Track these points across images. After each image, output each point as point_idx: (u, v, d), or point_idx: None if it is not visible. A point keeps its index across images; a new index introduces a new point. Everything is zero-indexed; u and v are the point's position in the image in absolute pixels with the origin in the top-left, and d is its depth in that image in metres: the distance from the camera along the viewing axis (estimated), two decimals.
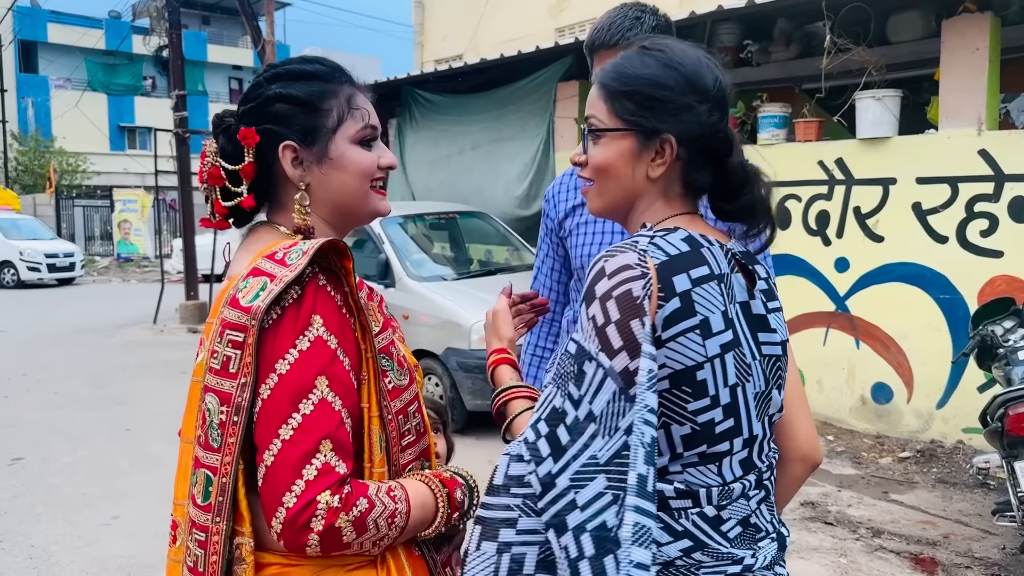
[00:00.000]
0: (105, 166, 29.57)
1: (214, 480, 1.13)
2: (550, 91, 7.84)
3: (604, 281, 1.07)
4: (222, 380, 1.12)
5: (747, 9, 5.85)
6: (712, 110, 1.17)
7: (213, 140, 1.25)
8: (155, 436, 5.85)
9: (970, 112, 5.05)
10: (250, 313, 1.09)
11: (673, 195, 1.21)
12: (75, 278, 18.44)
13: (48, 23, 31.90)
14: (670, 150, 1.16)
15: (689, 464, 1.10)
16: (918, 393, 5.37)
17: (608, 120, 1.19)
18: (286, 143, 1.20)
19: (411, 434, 1.25)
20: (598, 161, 1.20)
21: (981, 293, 5.02)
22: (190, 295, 11.56)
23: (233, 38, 36.69)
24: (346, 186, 1.24)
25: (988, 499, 4.43)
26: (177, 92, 11.47)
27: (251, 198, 1.22)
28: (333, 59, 1.31)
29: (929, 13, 5.83)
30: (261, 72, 1.28)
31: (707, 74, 1.17)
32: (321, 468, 1.06)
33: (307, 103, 1.21)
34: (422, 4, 12.09)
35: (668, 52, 1.18)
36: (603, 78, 1.21)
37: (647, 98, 1.16)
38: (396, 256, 6.49)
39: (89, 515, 4.46)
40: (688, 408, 1.09)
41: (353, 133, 1.23)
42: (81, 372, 8.26)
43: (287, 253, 1.13)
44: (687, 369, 1.08)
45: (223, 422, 1.12)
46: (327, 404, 1.09)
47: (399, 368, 1.23)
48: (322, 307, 1.12)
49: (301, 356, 1.09)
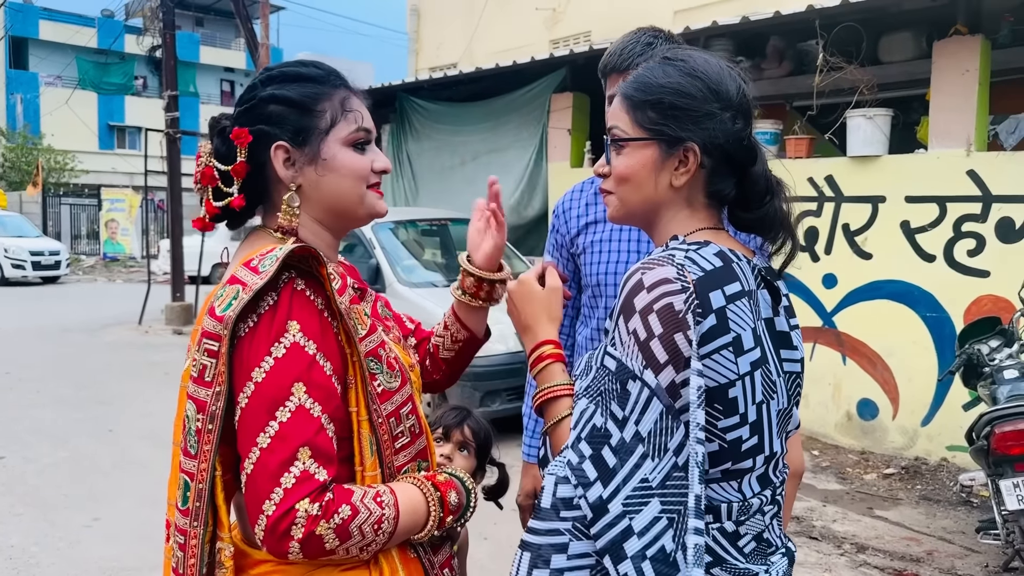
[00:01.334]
0: (93, 165, 29.38)
1: (191, 486, 1.14)
2: (544, 102, 7.88)
3: (644, 294, 1.06)
4: (199, 388, 1.12)
5: (741, 26, 5.90)
6: (736, 118, 1.16)
7: (208, 141, 1.25)
8: (138, 437, 5.80)
9: (959, 133, 5.11)
10: (223, 322, 1.09)
11: (698, 204, 1.19)
12: (60, 277, 18.30)
13: (40, 20, 31.74)
14: (694, 158, 1.15)
15: (712, 480, 1.09)
16: (903, 410, 5.41)
17: (631, 130, 1.18)
18: (278, 143, 1.20)
19: (405, 436, 1.24)
20: (621, 171, 1.19)
21: (967, 312, 5.06)
22: (176, 296, 11.48)
23: (226, 40, 36.63)
24: (339, 188, 1.23)
25: (971, 516, 4.46)
26: (169, 92, 11.43)
27: (241, 198, 1.22)
28: (328, 63, 1.31)
29: (920, 34, 5.90)
30: (258, 75, 1.28)
31: (730, 82, 1.17)
32: (300, 476, 1.06)
33: (300, 104, 1.21)
34: (417, 12, 12.11)
35: (690, 61, 1.18)
36: (625, 89, 1.20)
37: (670, 106, 1.15)
38: (387, 261, 6.48)
39: (70, 516, 4.41)
40: (718, 426, 1.07)
41: (346, 135, 1.23)
42: (64, 371, 8.19)
43: (261, 260, 1.13)
44: (720, 387, 1.06)
45: (199, 429, 1.12)
46: (305, 411, 1.08)
47: (389, 370, 1.22)
48: (299, 312, 1.12)
49: (277, 363, 1.09)
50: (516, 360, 5.84)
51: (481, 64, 8.41)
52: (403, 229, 7.29)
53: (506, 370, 5.80)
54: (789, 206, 1.20)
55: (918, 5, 5.57)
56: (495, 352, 5.80)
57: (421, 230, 7.64)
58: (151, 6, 12.25)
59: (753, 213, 1.19)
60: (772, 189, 1.19)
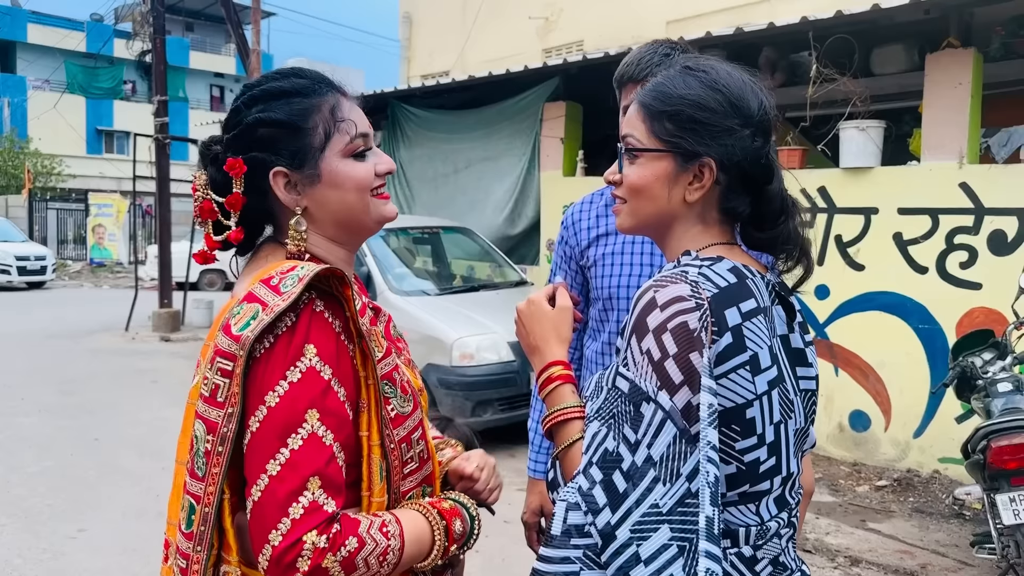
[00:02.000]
0: (81, 169, 29.16)
1: (197, 509, 1.10)
2: (537, 111, 7.87)
3: (657, 313, 1.03)
4: (210, 408, 1.08)
5: (734, 37, 5.91)
6: (755, 135, 1.12)
7: (202, 171, 1.20)
8: (124, 446, 5.72)
9: (952, 145, 5.13)
10: (239, 342, 1.05)
11: (711, 220, 1.16)
12: (46, 282, 18.12)
13: (28, 23, 31.54)
14: (709, 174, 1.11)
15: (730, 503, 1.06)
16: (895, 422, 5.40)
17: (646, 140, 1.14)
18: (276, 170, 1.15)
19: (414, 461, 1.21)
20: (633, 181, 1.15)
21: (959, 324, 5.07)
22: (164, 303, 11.38)
23: (216, 45, 36.52)
24: (345, 202, 1.19)
25: (964, 529, 4.45)
26: (159, 97, 11.36)
27: (240, 231, 1.18)
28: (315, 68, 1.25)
29: (912, 47, 5.92)
30: (239, 95, 1.22)
31: (751, 97, 1.13)
32: (308, 507, 1.02)
33: (290, 125, 1.16)
34: (410, 19, 12.10)
35: (712, 73, 1.14)
36: (643, 96, 1.16)
37: (689, 119, 1.11)
38: (378, 269, 6.44)
39: (55, 527, 4.33)
40: (736, 447, 1.05)
41: (343, 147, 1.18)
42: (50, 378, 8.08)
43: (282, 279, 1.09)
44: (737, 407, 1.04)
45: (208, 451, 1.08)
46: (317, 439, 1.05)
47: (402, 394, 1.18)
48: (316, 335, 1.08)
49: (291, 388, 1.05)
50: (508, 370, 5.81)
51: (474, 72, 8.39)
52: (394, 237, 7.25)
53: (498, 380, 5.76)
54: (804, 226, 1.18)
55: (910, 18, 5.60)
56: (487, 362, 5.77)
57: (413, 238, 7.60)
58: (141, 10, 12.18)
59: (766, 233, 1.16)
60: (787, 209, 1.16)
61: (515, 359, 5.82)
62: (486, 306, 6.36)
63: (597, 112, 7.55)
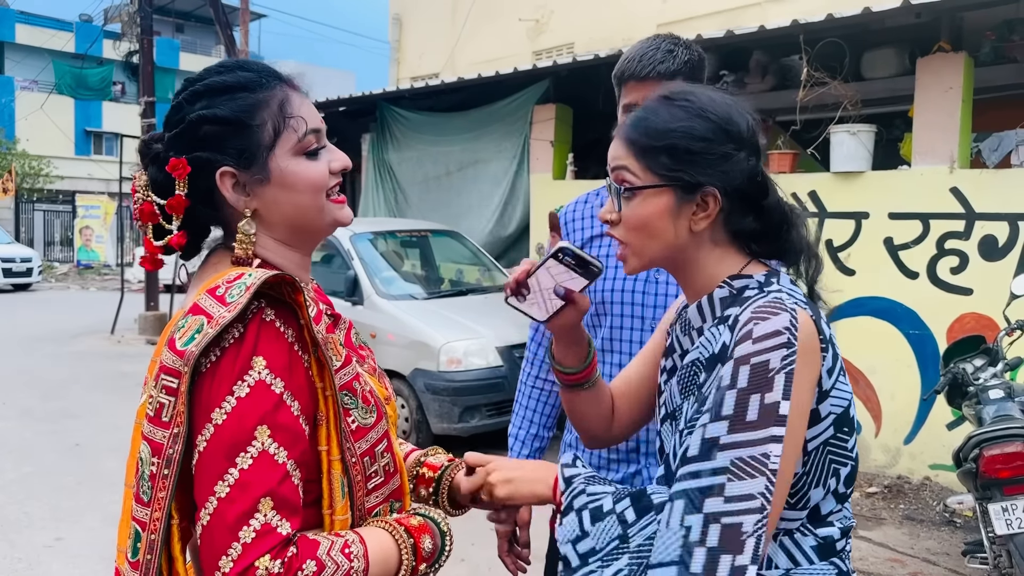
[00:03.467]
0: (69, 171, 28.92)
1: (143, 536, 1.02)
2: (527, 113, 7.82)
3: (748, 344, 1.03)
4: (155, 429, 1.01)
5: (725, 39, 5.88)
6: (749, 156, 1.13)
7: (143, 171, 1.12)
8: (106, 452, 5.63)
9: (943, 150, 5.10)
10: (184, 358, 0.98)
11: (722, 241, 1.16)
12: (32, 284, 17.96)
13: (16, 23, 31.30)
14: (714, 203, 1.11)
15: (844, 499, 1.13)
16: (886, 428, 5.37)
17: (643, 176, 1.12)
18: (222, 170, 1.07)
19: (379, 475, 1.14)
20: (635, 220, 1.13)
21: (950, 330, 5.04)
22: (150, 305, 11.28)
23: (206, 47, 36.35)
24: (297, 204, 1.11)
25: (955, 537, 4.42)
26: (146, 98, 11.26)
27: (182, 235, 1.09)
28: (302, 70, 1.18)
29: (903, 51, 5.90)
30: (180, 90, 1.14)
31: (739, 119, 1.13)
32: (260, 529, 0.95)
33: (235, 122, 1.08)
34: (399, 21, 12.04)
35: (696, 100, 1.13)
36: (629, 133, 1.14)
37: (684, 151, 1.10)
38: (365, 273, 6.36)
39: (31, 536, 4.24)
40: (848, 446, 1.10)
41: (293, 145, 1.10)
42: (32, 382, 7.97)
43: (228, 289, 1.01)
44: (845, 410, 1.09)
45: (153, 475, 1.01)
46: (268, 457, 0.98)
47: (364, 405, 1.11)
48: (266, 346, 1.01)
49: (239, 404, 0.98)
50: (496, 375, 5.74)
51: (463, 74, 8.34)
52: (382, 240, 7.18)
53: (486, 385, 5.70)
54: (808, 232, 1.18)
55: (901, 22, 5.58)
56: (475, 367, 5.70)
57: (401, 241, 7.53)
58: (129, 11, 12.08)
59: (772, 245, 1.17)
60: (789, 219, 1.16)
61: (503, 364, 5.76)
62: (475, 311, 6.30)
63: (587, 115, 7.50)
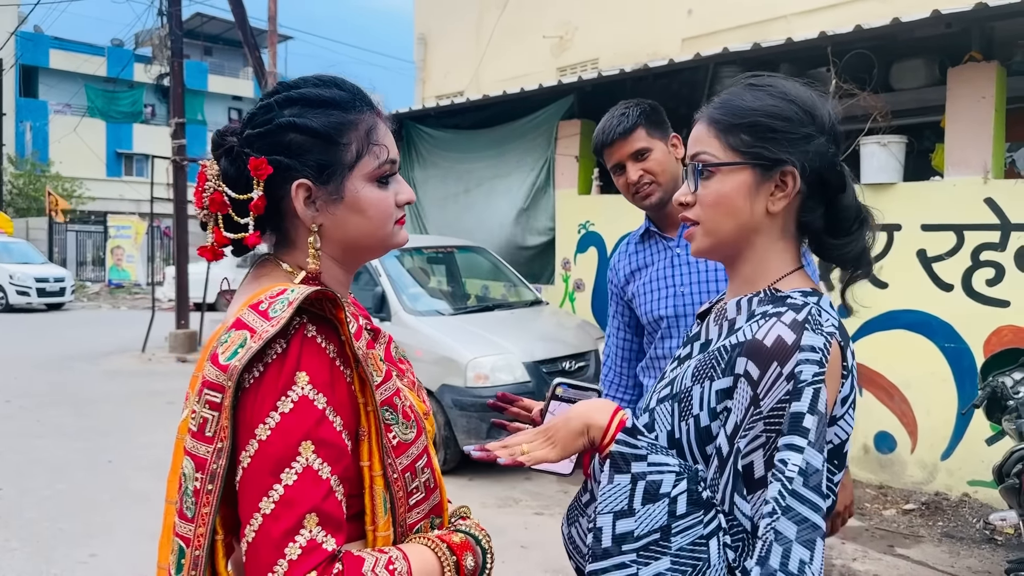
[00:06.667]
0: (101, 192, 29.52)
1: (187, 552, 1.02)
2: (551, 129, 7.83)
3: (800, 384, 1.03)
4: (198, 444, 1.01)
5: (752, 52, 5.85)
6: (830, 142, 1.14)
7: (214, 162, 1.12)
8: (138, 469, 5.68)
9: (976, 160, 5.02)
10: (227, 372, 0.98)
11: (789, 235, 1.17)
12: (65, 303, 18.25)
13: (50, 49, 32.09)
14: (793, 182, 1.12)
15: None
16: (922, 443, 5.26)
17: (723, 154, 1.13)
18: (300, 181, 1.08)
19: (420, 491, 1.13)
20: (714, 197, 1.14)
21: (987, 343, 4.94)
22: (180, 324, 11.40)
23: (234, 69, 36.97)
24: (363, 228, 1.12)
25: (996, 555, 4.30)
26: (176, 120, 11.45)
27: (257, 235, 1.10)
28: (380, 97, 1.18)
29: (932, 61, 5.84)
30: (272, 92, 1.14)
31: (821, 106, 1.15)
32: (306, 546, 0.95)
33: (324, 136, 1.08)
34: (424, 40, 12.15)
35: (778, 86, 1.16)
36: (712, 114, 1.16)
37: (767, 128, 1.12)
38: (392, 289, 6.38)
39: (66, 552, 4.28)
40: (834, 480, 1.10)
41: (371, 171, 1.11)
42: (65, 400, 8.08)
43: (271, 304, 1.01)
44: (841, 443, 1.10)
45: (197, 490, 1.01)
46: (313, 473, 0.97)
47: (405, 420, 1.10)
48: (308, 361, 1.01)
49: (283, 419, 0.97)
50: (523, 391, 5.71)
51: (488, 92, 8.38)
52: (409, 257, 7.21)
53: None
54: (873, 236, 1.19)
55: (930, 33, 5.51)
56: (502, 382, 5.69)
57: (427, 258, 7.55)
58: (160, 35, 12.33)
59: (841, 239, 1.17)
60: (863, 217, 1.17)
61: (530, 380, 5.74)
62: (501, 326, 6.29)
63: None
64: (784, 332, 1.03)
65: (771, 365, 1.01)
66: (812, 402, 0.99)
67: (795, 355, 1.01)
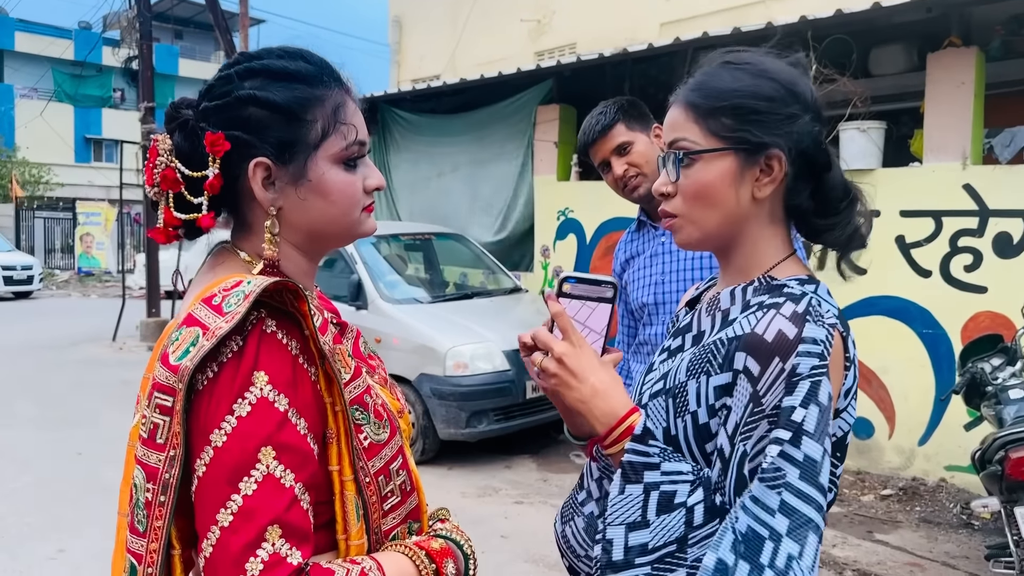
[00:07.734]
0: (69, 178, 28.89)
1: (139, 570, 0.94)
2: (530, 114, 7.75)
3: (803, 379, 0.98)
4: (149, 451, 0.92)
5: (732, 37, 5.80)
6: (814, 120, 1.07)
7: (167, 136, 1.03)
8: (109, 462, 5.54)
9: (955, 146, 5.02)
10: (178, 374, 0.90)
11: (778, 220, 1.10)
12: (33, 292, 17.88)
13: (15, 31, 31.29)
14: (779, 165, 1.05)
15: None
16: (900, 429, 5.28)
17: (704, 140, 1.06)
18: (258, 159, 0.99)
19: (395, 495, 1.05)
20: (695, 187, 1.07)
21: (965, 329, 4.96)
22: (152, 312, 11.20)
23: (206, 53, 36.35)
24: (327, 214, 1.03)
25: (973, 540, 4.33)
26: (146, 104, 11.20)
27: (211, 216, 1.01)
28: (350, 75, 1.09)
29: (911, 47, 5.83)
30: (233, 62, 1.05)
31: (802, 83, 1.08)
32: (268, 560, 0.87)
33: (287, 111, 1.00)
34: (399, 23, 11.97)
35: (757, 64, 1.08)
36: (689, 97, 1.08)
37: (749, 111, 1.04)
38: (369, 277, 6.28)
39: (33, 547, 4.17)
40: (836, 473, 1.06)
41: (337, 152, 1.02)
42: (33, 390, 7.89)
43: (225, 297, 0.93)
44: (844, 435, 1.07)
45: (148, 502, 0.92)
46: (274, 481, 0.89)
47: (376, 420, 1.02)
48: (268, 360, 0.92)
49: (240, 424, 0.89)
50: (503, 379, 5.67)
51: (465, 76, 8.27)
52: (385, 244, 7.10)
53: (493, 389, 5.62)
54: (866, 213, 1.12)
55: (909, 18, 5.50)
56: (481, 371, 5.62)
57: (404, 245, 7.45)
58: (128, 17, 12.04)
59: (830, 219, 1.11)
60: (851, 195, 1.11)
61: (510, 368, 5.68)
62: (480, 314, 6.22)
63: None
64: (785, 326, 0.98)
65: (772, 361, 0.96)
66: (808, 396, 0.95)
67: (797, 349, 0.97)
